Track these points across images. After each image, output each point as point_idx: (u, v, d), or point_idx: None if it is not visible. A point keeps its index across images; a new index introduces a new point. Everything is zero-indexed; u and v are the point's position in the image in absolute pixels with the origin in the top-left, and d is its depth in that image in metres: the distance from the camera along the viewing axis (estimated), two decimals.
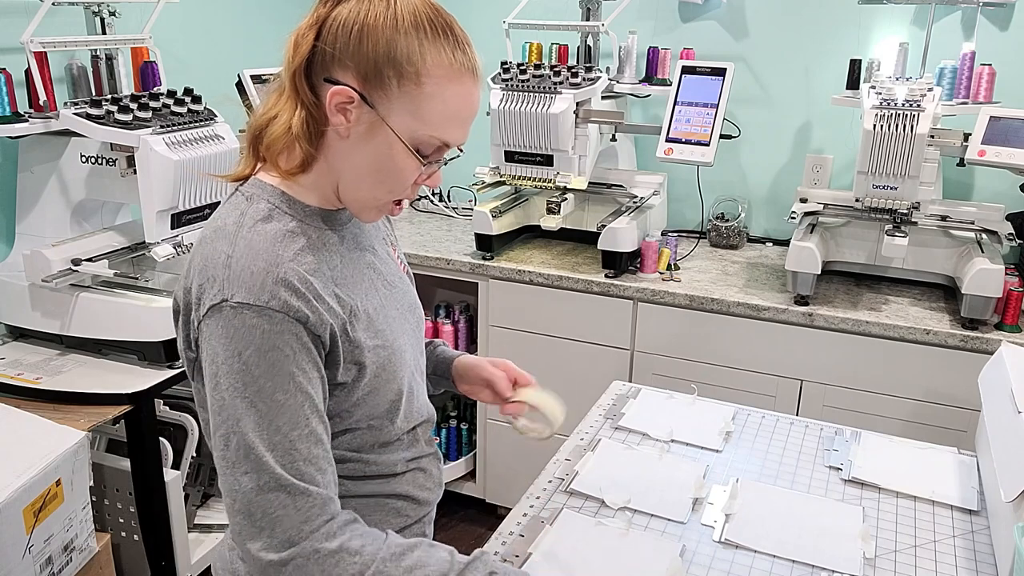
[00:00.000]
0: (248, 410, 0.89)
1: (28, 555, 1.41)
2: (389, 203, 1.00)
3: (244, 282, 0.89)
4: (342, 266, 1.00)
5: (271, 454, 0.89)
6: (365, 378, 0.99)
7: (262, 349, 0.89)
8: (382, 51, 0.91)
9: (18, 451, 1.47)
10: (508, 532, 1.22)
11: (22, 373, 1.81)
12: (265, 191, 0.98)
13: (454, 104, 0.94)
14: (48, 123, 1.82)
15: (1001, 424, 1.29)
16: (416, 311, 1.15)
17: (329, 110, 0.93)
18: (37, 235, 1.92)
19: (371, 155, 0.95)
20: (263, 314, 0.89)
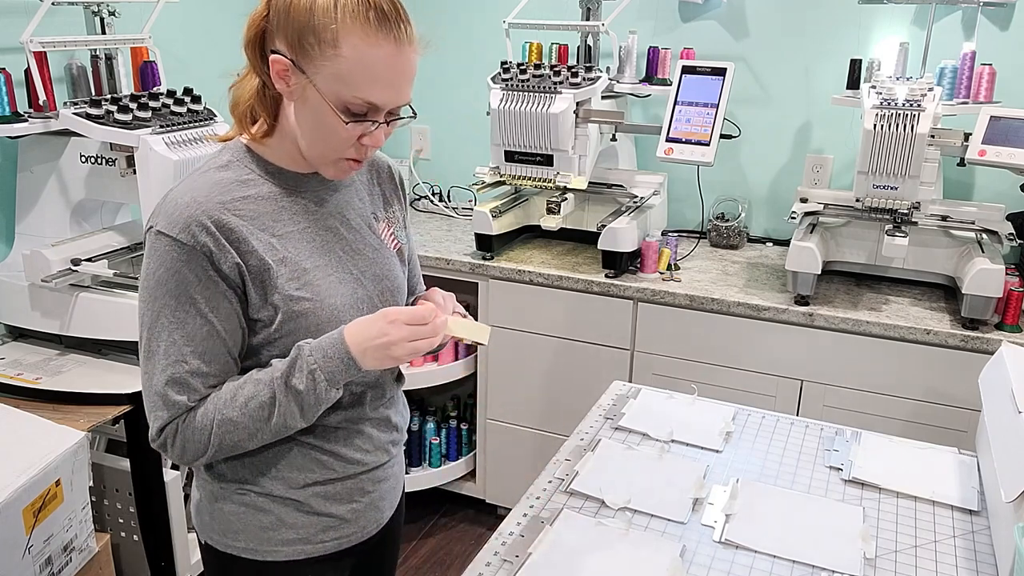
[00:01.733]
0: (155, 320, 1.04)
1: (28, 555, 1.41)
2: (343, 160, 1.09)
3: (168, 214, 1.03)
4: (290, 222, 1.11)
5: (163, 360, 1.04)
6: (280, 322, 1.08)
7: (171, 271, 1.02)
8: (303, 20, 1.00)
9: (18, 451, 1.47)
10: (508, 532, 1.22)
11: (22, 373, 1.81)
12: (233, 146, 1.12)
13: (375, 67, 1.01)
14: (48, 123, 1.81)
15: (1001, 424, 1.29)
16: (383, 282, 1.20)
17: (273, 77, 1.04)
18: (37, 235, 1.92)
19: (310, 116, 1.05)
20: (174, 244, 1.02)
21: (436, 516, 2.79)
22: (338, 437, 1.17)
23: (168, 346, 1.04)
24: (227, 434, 1.06)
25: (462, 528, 2.75)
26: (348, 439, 1.18)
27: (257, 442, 1.09)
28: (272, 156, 1.12)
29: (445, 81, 3.07)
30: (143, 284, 1.05)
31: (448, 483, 2.75)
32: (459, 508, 2.81)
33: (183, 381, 1.05)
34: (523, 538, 1.20)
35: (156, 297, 1.04)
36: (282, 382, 1.06)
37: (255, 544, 1.16)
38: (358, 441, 1.19)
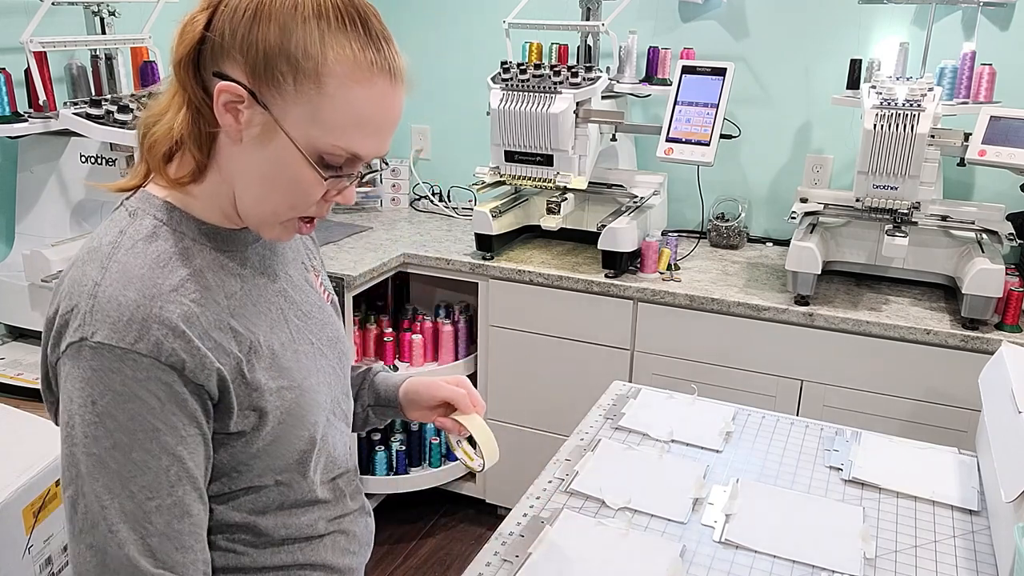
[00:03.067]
0: (98, 470, 0.75)
1: (28, 555, 1.41)
2: (295, 220, 0.85)
3: (109, 317, 0.76)
4: (242, 294, 0.86)
5: (122, 526, 0.76)
6: (267, 426, 0.86)
7: (121, 398, 0.75)
8: (274, 41, 0.77)
9: (18, 451, 1.47)
10: (508, 532, 1.22)
11: (22, 373, 1.81)
12: (152, 205, 0.84)
13: (362, 109, 0.80)
14: (48, 123, 1.82)
15: (1001, 424, 1.29)
16: (338, 345, 1.00)
17: (217, 109, 0.79)
18: (37, 235, 1.92)
19: (266, 163, 0.81)
20: (126, 358, 0.75)
21: (436, 516, 2.79)
22: (323, 544, 0.97)
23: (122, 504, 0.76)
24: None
25: (462, 528, 2.75)
26: (334, 543, 0.99)
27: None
28: (200, 210, 0.85)
29: (445, 81, 3.07)
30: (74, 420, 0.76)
31: (448, 483, 2.75)
32: (459, 508, 2.81)
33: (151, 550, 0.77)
34: (523, 538, 1.20)
35: (98, 437, 0.75)
36: None
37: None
38: (343, 543, 1.00)
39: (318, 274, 1.04)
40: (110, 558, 0.76)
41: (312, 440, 0.91)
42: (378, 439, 2.69)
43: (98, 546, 0.76)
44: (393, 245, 2.66)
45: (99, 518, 0.76)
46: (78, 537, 0.77)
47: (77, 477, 0.76)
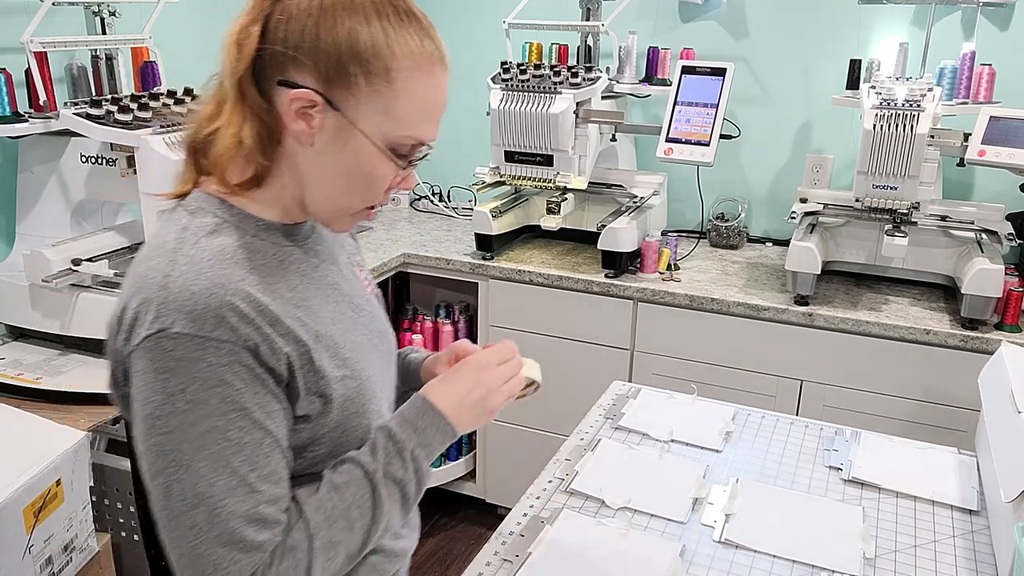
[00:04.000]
0: (197, 453, 0.78)
1: (28, 555, 1.41)
2: (362, 210, 0.90)
3: (184, 307, 0.78)
4: (303, 287, 0.89)
5: (227, 500, 0.79)
6: (331, 412, 0.88)
7: (209, 384, 0.78)
8: (343, 44, 0.80)
9: (18, 451, 1.47)
10: (508, 532, 1.22)
11: (22, 373, 1.81)
12: (211, 203, 0.87)
13: (426, 98, 0.85)
14: (48, 123, 1.81)
15: (1001, 424, 1.29)
16: (386, 337, 1.03)
17: (287, 116, 0.82)
18: (37, 235, 1.92)
19: (342, 162, 0.84)
20: (207, 345, 0.78)
21: (436, 516, 2.79)
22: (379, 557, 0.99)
23: (228, 480, 0.79)
24: (329, 562, 0.85)
25: (462, 528, 2.75)
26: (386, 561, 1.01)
27: (352, 562, 0.89)
28: (257, 209, 0.89)
29: None
30: (163, 411, 0.78)
31: (448, 483, 2.75)
32: (459, 508, 2.81)
33: (261, 517, 0.80)
34: (523, 538, 1.20)
35: (194, 423, 0.78)
36: (380, 475, 0.88)
37: None
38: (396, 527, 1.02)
39: (362, 269, 1.08)
40: (219, 531, 0.78)
41: (369, 428, 0.93)
42: None
43: (200, 524, 0.78)
44: (393, 245, 2.66)
45: (202, 498, 0.78)
46: (177, 520, 0.79)
47: (171, 464, 0.78)
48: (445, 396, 0.94)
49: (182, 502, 0.79)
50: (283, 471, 0.84)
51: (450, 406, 0.94)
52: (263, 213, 0.89)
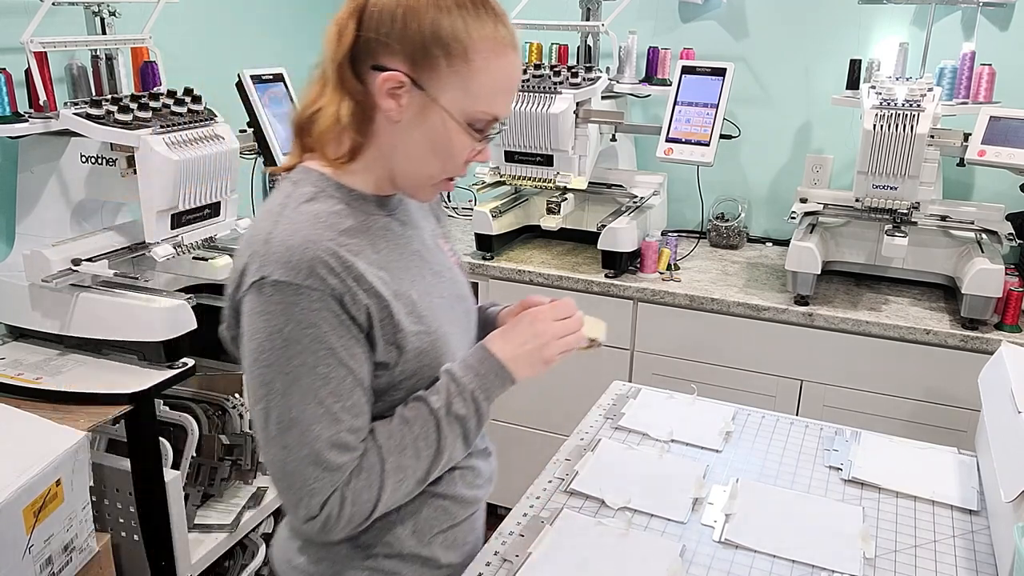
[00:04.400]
0: (291, 384, 0.91)
1: (28, 555, 1.41)
2: (443, 181, 1.02)
3: (282, 259, 0.91)
4: (388, 250, 1.01)
5: (315, 426, 0.92)
6: (407, 362, 1.00)
7: (302, 325, 0.91)
8: (428, 32, 0.92)
9: (18, 451, 1.47)
10: (508, 532, 1.22)
11: (22, 373, 1.81)
12: (311, 176, 1.00)
13: (501, 77, 0.97)
14: (48, 123, 1.81)
15: (1001, 424, 1.29)
16: (465, 302, 1.16)
17: (379, 96, 0.94)
18: (37, 235, 1.92)
19: (425, 136, 0.96)
20: (300, 292, 0.90)
21: None
22: (454, 478, 1.10)
23: (315, 408, 0.92)
24: (398, 485, 0.98)
25: None
26: (463, 478, 1.12)
27: (418, 488, 1.02)
28: (354, 181, 1.01)
29: None
30: (264, 347, 0.91)
31: None
32: None
33: (342, 442, 0.94)
34: (523, 538, 1.20)
35: (289, 358, 0.91)
36: (444, 412, 1.00)
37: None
38: (470, 478, 1.14)
39: (447, 242, 1.20)
40: (306, 452, 0.92)
41: None
42: None
43: (292, 445, 0.92)
44: None
45: (294, 422, 0.92)
46: (272, 441, 0.93)
47: (270, 393, 0.92)
48: (503, 345, 1.05)
49: (278, 425, 0.92)
50: (364, 405, 0.96)
51: (507, 354, 1.04)
52: (357, 185, 1.01)
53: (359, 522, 0.97)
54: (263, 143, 2.13)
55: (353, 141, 0.98)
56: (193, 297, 1.85)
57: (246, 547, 2.19)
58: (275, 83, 2.19)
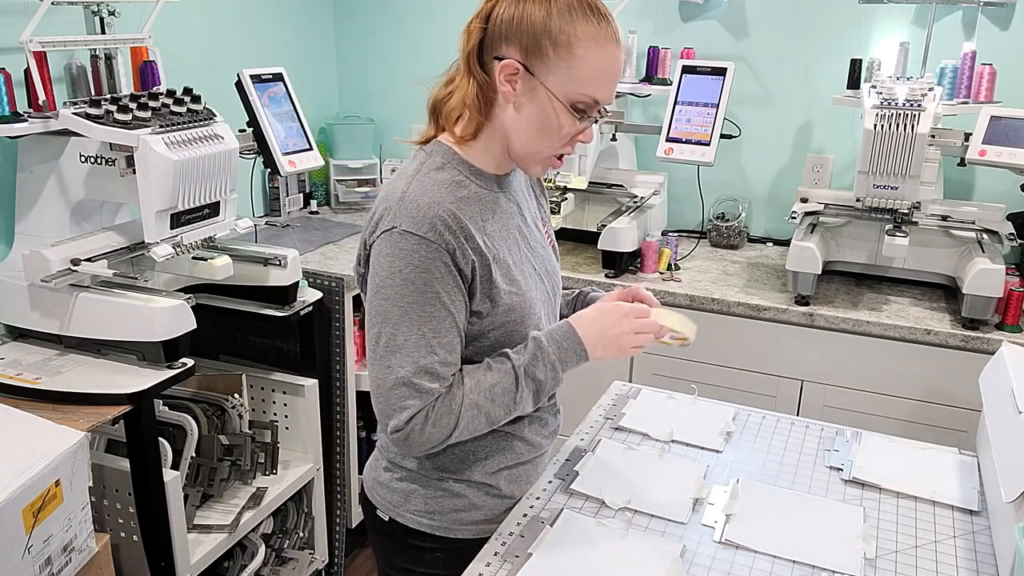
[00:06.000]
0: (402, 316, 1.11)
1: (27, 555, 1.41)
2: (551, 157, 1.19)
3: (411, 214, 1.10)
4: (494, 221, 1.19)
5: (413, 352, 1.10)
6: (497, 315, 1.18)
7: (419, 270, 1.10)
8: (539, 26, 1.10)
9: (17, 451, 1.47)
10: (508, 532, 1.22)
11: (21, 373, 1.81)
12: (441, 149, 1.19)
13: (601, 65, 1.12)
14: (47, 123, 1.81)
15: (1002, 424, 1.29)
16: (552, 277, 1.33)
17: (499, 81, 1.13)
18: (36, 235, 1.91)
19: (534, 115, 1.13)
20: (422, 242, 1.09)
21: None
22: (524, 423, 1.29)
23: (418, 339, 1.11)
24: (472, 419, 1.14)
25: None
26: (532, 425, 1.30)
27: (489, 427, 1.18)
28: (473, 158, 1.20)
29: None
30: (385, 283, 1.11)
31: None
32: None
33: (433, 370, 1.12)
34: (523, 538, 1.20)
35: (403, 294, 1.10)
36: (523, 371, 1.16)
37: (447, 524, 1.27)
38: (538, 426, 1.32)
39: (545, 224, 1.38)
40: (403, 374, 1.11)
41: (526, 336, 1.20)
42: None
43: (395, 365, 1.12)
44: None
45: (398, 347, 1.11)
46: (380, 360, 1.13)
47: (384, 321, 1.12)
48: (586, 326, 1.21)
49: (385, 348, 1.12)
50: (457, 345, 1.15)
51: (589, 335, 1.20)
52: (477, 162, 1.20)
53: (436, 443, 1.14)
54: (262, 143, 2.12)
55: (476, 121, 1.16)
56: (193, 297, 1.84)
57: (245, 547, 2.19)
58: (275, 83, 2.18)
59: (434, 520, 1.27)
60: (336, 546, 2.54)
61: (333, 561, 2.52)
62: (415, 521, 1.28)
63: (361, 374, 2.54)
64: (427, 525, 1.27)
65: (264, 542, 2.23)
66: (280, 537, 2.34)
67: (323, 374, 2.38)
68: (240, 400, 2.12)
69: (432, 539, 1.27)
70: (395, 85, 3.18)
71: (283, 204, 2.97)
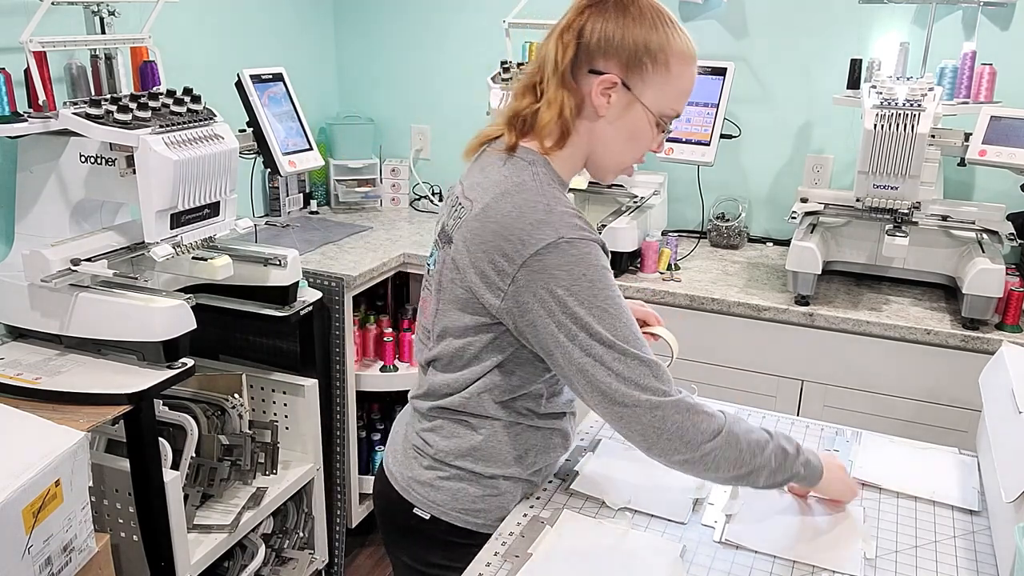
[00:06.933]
0: (602, 315, 1.10)
1: (27, 555, 1.41)
2: (627, 167, 1.26)
3: (568, 222, 1.12)
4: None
5: (627, 344, 1.10)
6: None
7: (599, 267, 1.12)
8: (640, 43, 1.13)
9: (17, 451, 1.47)
10: (508, 532, 1.22)
11: (21, 373, 1.81)
12: (539, 160, 1.20)
13: (688, 82, 1.18)
14: (47, 123, 1.81)
15: (1002, 424, 1.29)
16: None
17: (595, 94, 1.15)
18: (36, 235, 1.91)
19: (625, 127, 1.18)
20: (592, 244, 1.13)
21: None
22: (565, 419, 1.34)
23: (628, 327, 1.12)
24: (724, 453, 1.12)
25: None
26: (569, 420, 1.35)
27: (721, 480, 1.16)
28: (558, 167, 1.22)
29: (445, 81, 3.07)
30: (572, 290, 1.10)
31: None
32: None
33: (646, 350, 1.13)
34: (523, 538, 1.20)
35: (595, 295, 1.11)
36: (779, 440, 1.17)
37: (491, 521, 1.27)
38: (571, 422, 1.37)
39: None
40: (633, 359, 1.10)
41: None
42: (378, 439, 2.69)
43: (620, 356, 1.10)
44: (393, 245, 2.66)
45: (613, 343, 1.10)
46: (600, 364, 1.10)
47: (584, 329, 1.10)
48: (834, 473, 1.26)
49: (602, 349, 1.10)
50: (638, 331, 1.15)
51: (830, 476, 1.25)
52: (560, 171, 1.22)
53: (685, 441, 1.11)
54: (262, 143, 2.12)
55: (564, 132, 1.19)
56: (193, 297, 1.84)
57: (245, 547, 2.19)
58: (275, 83, 2.18)
59: (479, 518, 1.27)
60: (336, 546, 2.54)
61: (333, 561, 2.52)
62: (462, 520, 1.27)
63: (361, 374, 2.54)
64: (472, 523, 1.27)
65: (264, 542, 2.23)
66: (280, 537, 2.34)
67: (323, 374, 2.38)
68: (240, 400, 2.12)
69: (474, 536, 1.27)
70: (395, 85, 3.18)
71: (283, 204, 2.97)
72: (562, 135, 1.19)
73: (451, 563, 1.27)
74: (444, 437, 1.28)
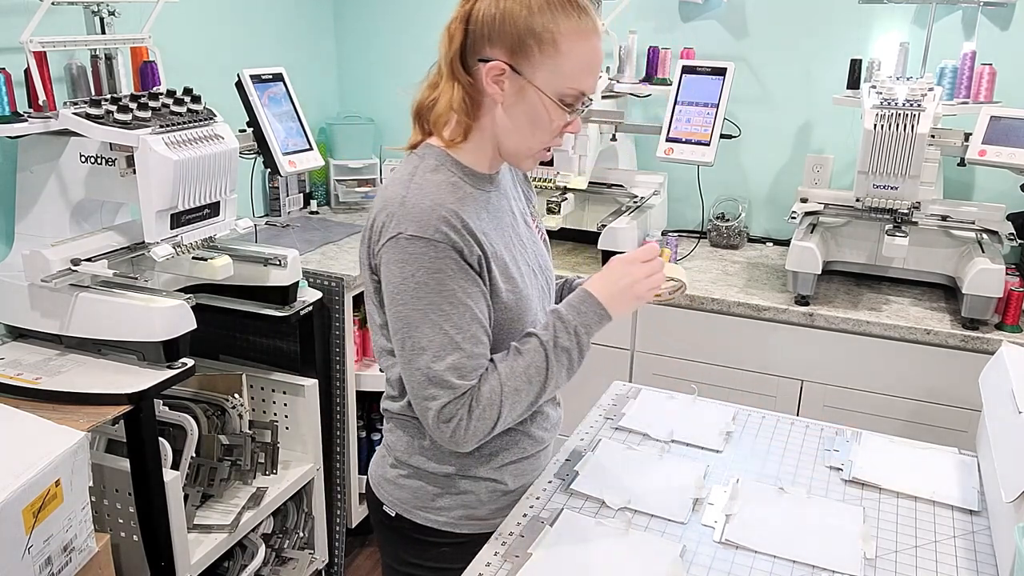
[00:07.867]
0: (421, 319, 1.12)
1: (27, 555, 1.41)
2: (541, 151, 1.21)
3: (415, 218, 1.11)
4: (489, 219, 1.21)
5: (440, 352, 1.12)
6: (495, 312, 1.19)
7: (430, 271, 1.11)
8: (523, 26, 1.11)
9: (17, 451, 1.47)
10: (508, 532, 1.22)
11: (21, 373, 1.81)
12: (434, 152, 1.20)
13: (586, 58, 1.14)
14: (47, 123, 1.81)
15: (1002, 424, 1.29)
16: (546, 272, 1.34)
17: (486, 83, 1.14)
18: (36, 235, 1.91)
19: (524, 113, 1.15)
20: (430, 244, 1.11)
21: None
22: (528, 417, 1.29)
23: (441, 339, 1.12)
24: (514, 405, 1.16)
25: None
26: (534, 419, 1.32)
27: (531, 409, 1.19)
28: (465, 158, 1.20)
29: None
30: (400, 289, 1.12)
31: None
32: None
33: (461, 365, 1.13)
34: (523, 538, 1.20)
35: (419, 297, 1.12)
36: (551, 345, 1.17)
37: (454, 519, 1.29)
38: (540, 420, 1.33)
39: (535, 218, 1.38)
40: (432, 374, 1.12)
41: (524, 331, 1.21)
42: (377, 439, 2.68)
43: (423, 367, 1.13)
44: None
45: (423, 349, 1.13)
46: (409, 364, 1.14)
47: (406, 326, 1.13)
48: (599, 286, 1.21)
49: (411, 352, 1.14)
50: (482, 335, 1.15)
51: (603, 293, 1.20)
52: (468, 162, 1.21)
53: (483, 434, 1.15)
54: (263, 143, 2.12)
55: (464, 124, 1.17)
56: (193, 297, 1.84)
57: (245, 547, 2.19)
58: (274, 83, 2.18)
59: (440, 516, 1.29)
60: (336, 546, 2.54)
61: (333, 561, 2.52)
62: (422, 517, 1.29)
63: (361, 374, 2.54)
64: (434, 521, 1.29)
65: (264, 542, 2.23)
66: (280, 537, 2.34)
67: (323, 374, 2.38)
68: (240, 400, 2.12)
69: (439, 534, 1.29)
70: (395, 85, 3.17)
71: (283, 204, 2.97)
72: (463, 127, 1.18)
73: (423, 561, 1.31)
74: (398, 437, 1.31)
